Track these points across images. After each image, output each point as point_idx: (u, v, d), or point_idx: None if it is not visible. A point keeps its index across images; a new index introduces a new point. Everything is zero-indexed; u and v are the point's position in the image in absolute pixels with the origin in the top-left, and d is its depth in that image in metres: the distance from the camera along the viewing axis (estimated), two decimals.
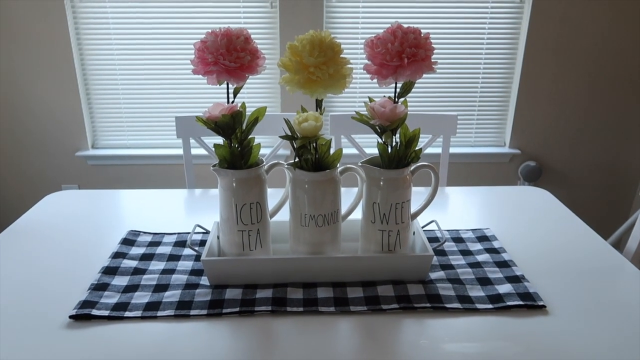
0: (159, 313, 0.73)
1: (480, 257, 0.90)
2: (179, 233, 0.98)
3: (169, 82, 2.07)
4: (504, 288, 0.80)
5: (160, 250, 0.91)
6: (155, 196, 1.20)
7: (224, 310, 0.74)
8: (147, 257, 0.88)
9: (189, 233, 0.97)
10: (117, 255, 0.88)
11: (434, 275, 0.84)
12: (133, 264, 0.86)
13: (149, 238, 0.96)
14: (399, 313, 0.75)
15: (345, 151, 1.90)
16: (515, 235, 1.00)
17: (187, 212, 1.12)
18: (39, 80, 1.99)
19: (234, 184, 0.80)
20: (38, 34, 1.93)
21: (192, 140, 1.37)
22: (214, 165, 0.80)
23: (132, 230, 0.98)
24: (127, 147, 2.15)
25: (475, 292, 0.79)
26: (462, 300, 0.77)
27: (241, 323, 0.72)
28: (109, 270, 0.84)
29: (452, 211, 1.13)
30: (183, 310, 0.74)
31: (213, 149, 0.79)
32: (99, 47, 2.00)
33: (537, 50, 2.03)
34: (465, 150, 2.17)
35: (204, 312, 0.74)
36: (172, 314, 0.73)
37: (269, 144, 2.15)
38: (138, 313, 0.73)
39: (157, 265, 0.86)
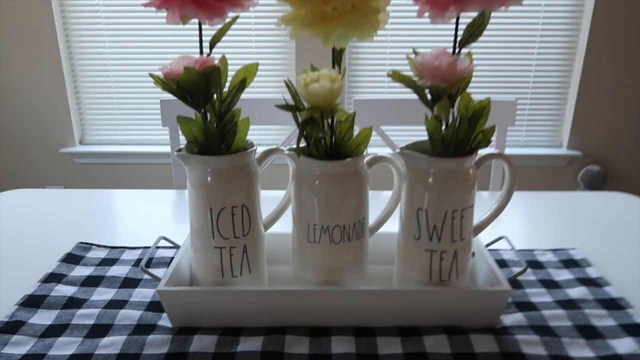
0: None
1: (574, 292, 0.61)
2: (144, 247, 0.72)
3: None
4: (625, 345, 0.51)
5: (113, 271, 0.65)
6: (133, 197, 0.95)
7: None
8: (92, 282, 0.63)
9: (157, 248, 0.71)
10: (51, 277, 0.63)
11: (508, 319, 0.56)
12: (69, 291, 0.60)
13: (102, 254, 0.70)
14: None
15: (371, 149, 1.63)
16: (613, 259, 0.70)
17: (170, 218, 0.87)
18: (19, 67, 1.76)
19: (209, 178, 0.53)
20: (18, 16, 1.71)
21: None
22: (178, 150, 0.54)
23: (81, 243, 0.72)
24: (119, 143, 1.91)
25: (579, 350, 0.51)
26: None
27: None
28: (32, 301, 0.58)
29: (513, 224, 0.84)
30: None
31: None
32: (88, 31, 1.78)
33: (603, 35, 1.72)
34: (514, 151, 1.86)
35: None
36: None
37: (275, 141, 1.89)
38: None
39: (103, 295, 0.60)
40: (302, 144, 0.54)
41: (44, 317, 0.55)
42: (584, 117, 1.82)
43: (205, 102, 0.53)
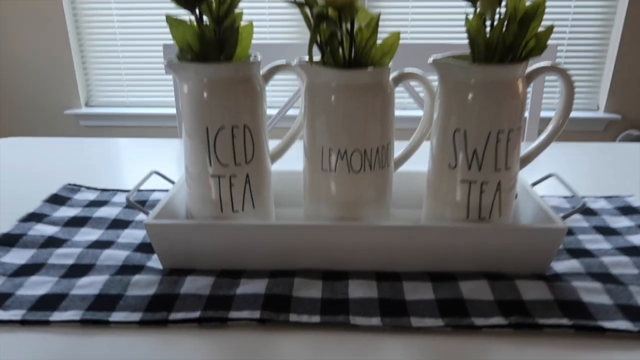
0: (55, 316, 0.40)
1: (638, 239, 0.52)
2: (137, 190, 0.64)
3: None
4: None
5: (101, 212, 0.58)
6: (135, 145, 0.88)
7: (173, 316, 0.40)
8: (76, 222, 0.55)
9: (152, 190, 0.64)
10: (31, 217, 0.56)
11: (559, 266, 0.47)
12: (49, 231, 0.53)
13: (91, 196, 0.63)
14: (506, 335, 0.38)
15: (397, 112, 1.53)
16: None
17: (173, 165, 0.79)
18: (22, 27, 1.68)
19: (205, 92, 0.45)
20: None
21: None
22: (169, 60, 0.46)
23: (69, 184, 0.65)
24: (126, 105, 1.83)
25: None
26: (630, 314, 0.40)
27: (204, 341, 0.38)
28: (7, 240, 0.51)
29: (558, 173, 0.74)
30: (100, 312, 0.40)
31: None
32: None
33: None
34: (546, 114, 1.74)
35: (137, 316, 0.40)
36: (78, 318, 0.40)
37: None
38: (17, 314, 0.40)
39: (88, 235, 0.53)
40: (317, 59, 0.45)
41: (17, 256, 0.48)
42: (624, 78, 1.67)
43: (200, 0, 0.44)
